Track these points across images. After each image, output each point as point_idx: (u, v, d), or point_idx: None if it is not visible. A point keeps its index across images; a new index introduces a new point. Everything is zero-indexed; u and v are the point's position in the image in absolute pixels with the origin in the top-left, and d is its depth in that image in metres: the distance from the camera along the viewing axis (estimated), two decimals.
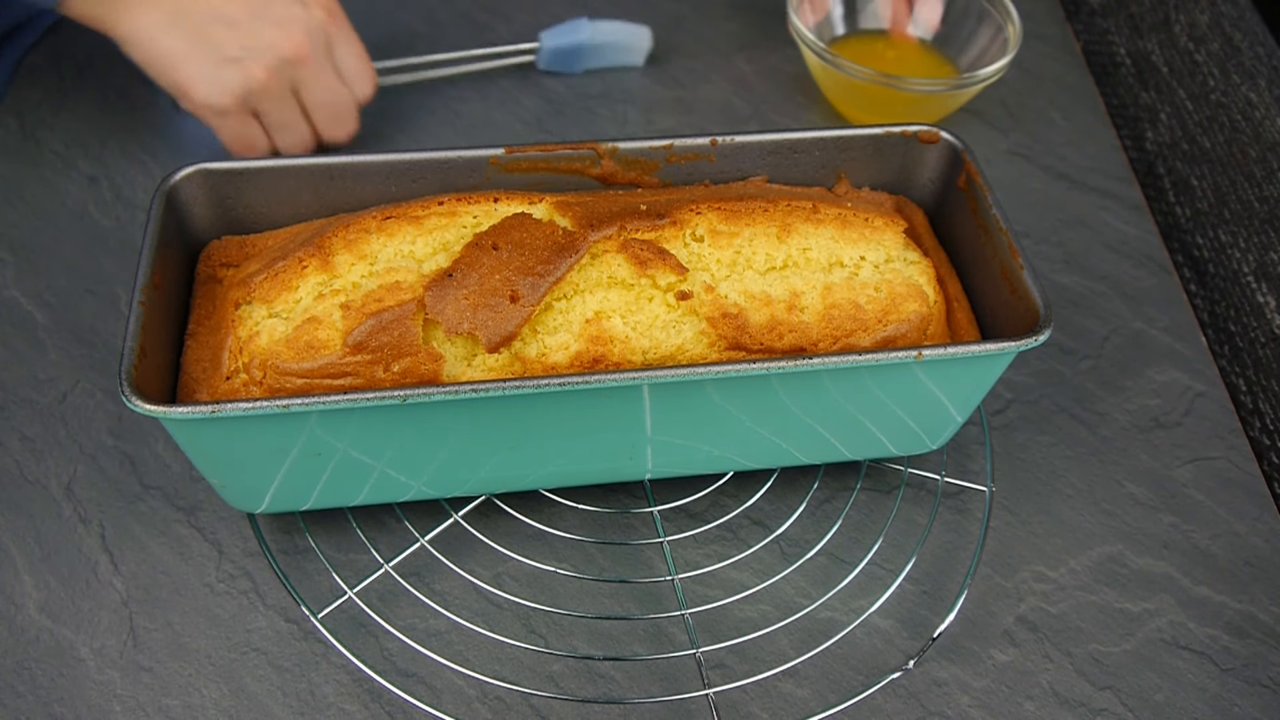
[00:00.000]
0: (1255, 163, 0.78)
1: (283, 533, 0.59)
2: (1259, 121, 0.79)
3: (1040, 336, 0.53)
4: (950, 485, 0.63)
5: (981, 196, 0.59)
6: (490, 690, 0.55)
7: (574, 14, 0.90)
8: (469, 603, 0.58)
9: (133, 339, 0.50)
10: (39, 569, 0.58)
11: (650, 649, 0.56)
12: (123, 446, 0.63)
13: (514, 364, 0.53)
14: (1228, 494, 0.64)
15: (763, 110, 0.86)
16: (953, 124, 0.86)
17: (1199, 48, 0.86)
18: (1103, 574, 0.60)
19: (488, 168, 0.60)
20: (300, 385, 0.51)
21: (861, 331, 0.56)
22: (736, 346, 0.54)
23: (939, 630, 0.57)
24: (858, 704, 0.55)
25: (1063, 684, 0.56)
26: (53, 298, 0.69)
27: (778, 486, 0.63)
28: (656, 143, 0.61)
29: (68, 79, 0.83)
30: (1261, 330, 0.73)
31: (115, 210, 0.75)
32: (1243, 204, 0.78)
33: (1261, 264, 0.75)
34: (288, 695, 0.54)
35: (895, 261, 0.58)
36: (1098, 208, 0.80)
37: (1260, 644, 0.58)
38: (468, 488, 0.59)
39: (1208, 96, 0.84)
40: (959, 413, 0.58)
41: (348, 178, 0.60)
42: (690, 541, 0.61)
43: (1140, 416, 0.68)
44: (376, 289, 0.52)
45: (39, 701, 0.53)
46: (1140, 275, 0.76)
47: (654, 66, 0.88)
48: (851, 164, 0.64)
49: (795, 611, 0.57)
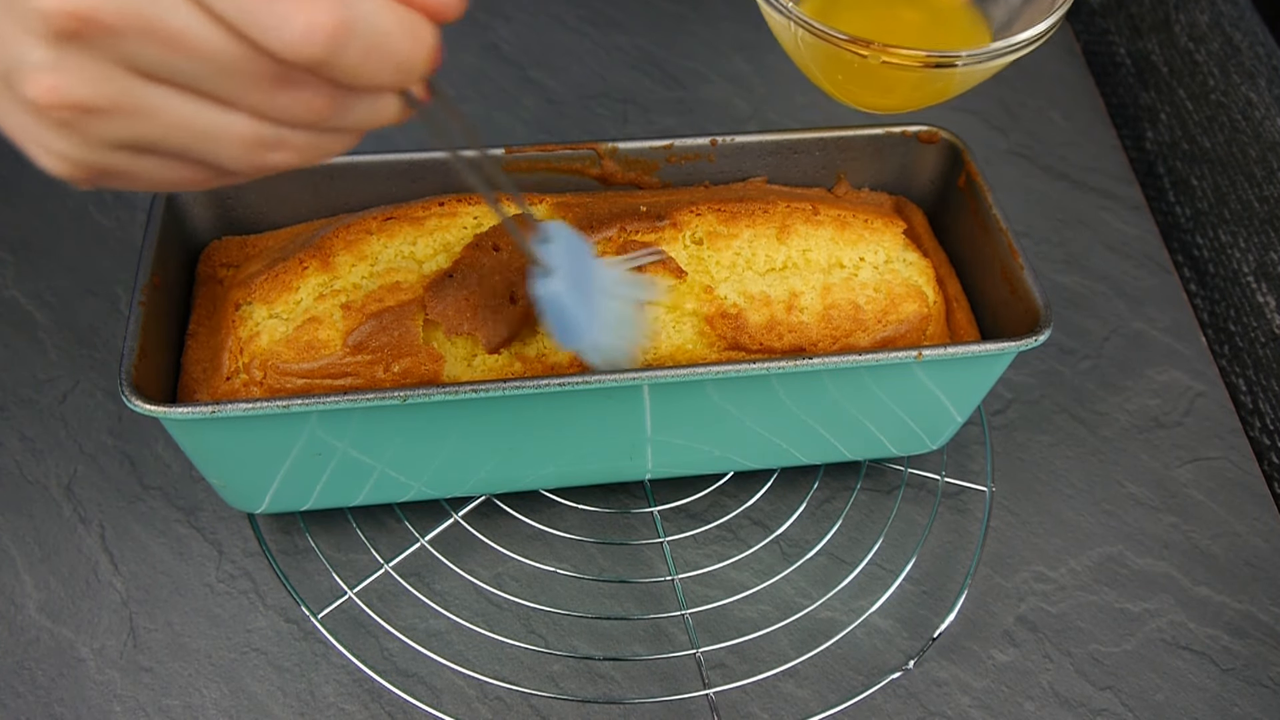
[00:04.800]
0: (1255, 163, 0.78)
1: (283, 533, 0.59)
2: (1259, 121, 0.79)
3: (1040, 336, 0.53)
4: (950, 485, 0.63)
5: (981, 196, 0.59)
6: (490, 690, 0.55)
7: (573, 13, 0.89)
8: (469, 603, 0.58)
9: (133, 339, 0.50)
10: (39, 569, 0.58)
11: (650, 649, 0.56)
12: (123, 446, 0.63)
13: (514, 364, 0.53)
14: (1228, 494, 0.64)
15: (763, 110, 0.86)
16: (953, 124, 0.86)
17: (1199, 48, 0.86)
18: (1103, 574, 0.60)
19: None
20: (300, 385, 0.51)
21: (861, 332, 0.56)
22: (735, 347, 0.54)
23: (939, 630, 0.57)
24: (858, 704, 0.55)
25: (1063, 684, 0.56)
26: (53, 298, 0.69)
27: (778, 486, 0.63)
28: (656, 143, 0.61)
29: None
30: (1261, 330, 0.73)
31: (115, 210, 0.75)
32: (1243, 204, 0.78)
33: (1261, 264, 0.75)
34: (288, 695, 0.54)
35: (894, 262, 0.58)
36: (1098, 208, 0.80)
37: (1260, 644, 0.58)
38: (468, 488, 0.59)
39: (1208, 96, 0.84)
40: (959, 413, 0.58)
41: (348, 178, 0.59)
42: (690, 541, 0.61)
43: (1140, 416, 0.68)
44: (377, 289, 0.52)
45: (39, 701, 0.53)
46: (1140, 275, 0.76)
47: (654, 66, 0.88)
48: (851, 164, 0.64)
49: (795, 611, 0.57)
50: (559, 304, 0.45)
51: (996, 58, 0.57)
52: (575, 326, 0.45)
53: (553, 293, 0.44)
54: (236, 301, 0.54)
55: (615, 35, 0.91)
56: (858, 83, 0.62)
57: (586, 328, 0.46)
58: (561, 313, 0.45)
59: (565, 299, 0.44)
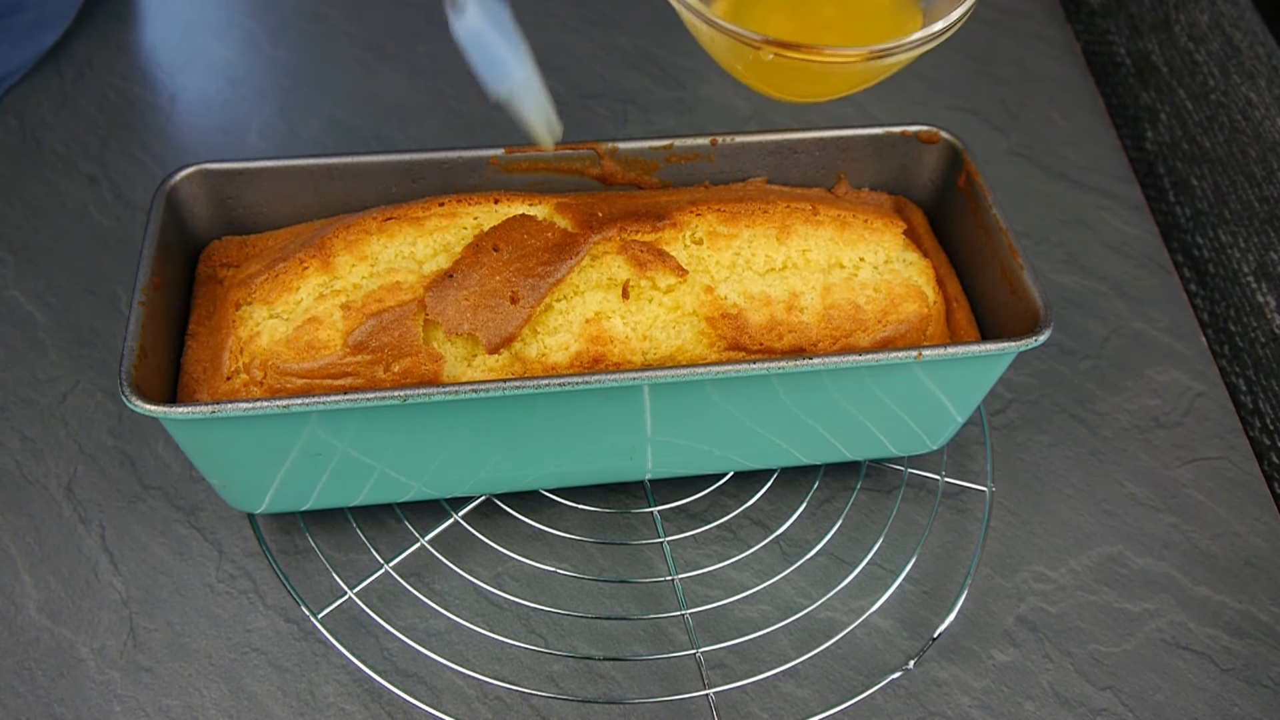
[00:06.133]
0: (1255, 163, 0.78)
1: (283, 533, 0.59)
2: (1259, 121, 0.79)
3: (1040, 336, 0.53)
4: (950, 485, 0.63)
5: (981, 196, 0.59)
6: (490, 690, 0.55)
7: (573, 13, 0.89)
8: (469, 603, 0.58)
9: (133, 339, 0.50)
10: (39, 569, 0.58)
11: (650, 649, 0.56)
12: (123, 446, 0.63)
13: (514, 364, 0.53)
14: (1228, 494, 0.64)
15: (763, 110, 0.86)
16: (953, 124, 0.86)
17: (1199, 48, 0.86)
18: (1103, 574, 0.60)
19: (488, 168, 0.60)
20: (300, 385, 0.51)
21: (861, 332, 0.56)
22: (736, 347, 0.54)
23: (939, 630, 0.57)
24: (858, 704, 0.55)
25: (1063, 684, 0.56)
26: (53, 298, 0.69)
27: (778, 486, 0.63)
28: (656, 143, 0.61)
29: (68, 79, 0.83)
30: (1261, 330, 0.73)
31: (115, 210, 0.75)
32: (1243, 204, 0.78)
33: (1261, 264, 0.75)
34: (288, 695, 0.54)
35: (894, 262, 0.58)
36: (1098, 208, 0.80)
37: (1260, 644, 0.58)
38: (468, 488, 0.59)
39: (1208, 96, 0.84)
40: (959, 413, 0.58)
41: (348, 178, 0.60)
42: (690, 541, 0.61)
43: (1140, 416, 0.68)
44: (377, 289, 0.52)
45: (39, 701, 0.53)
46: (1140, 275, 0.76)
47: (654, 66, 0.88)
48: (851, 164, 0.64)
49: (795, 611, 0.57)
50: (478, 37, 0.42)
51: (920, 46, 0.56)
52: (501, 62, 0.43)
53: (469, 28, 0.42)
54: (236, 301, 0.54)
55: (615, 35, 0.91)
56: (770, 77, 0.61)
57: (515, 64, 0.44)
58: (482, 46, 0.43)
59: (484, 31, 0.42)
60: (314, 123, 0.82)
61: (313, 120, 0.82)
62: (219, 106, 0.83)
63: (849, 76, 0.59)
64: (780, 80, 0.61)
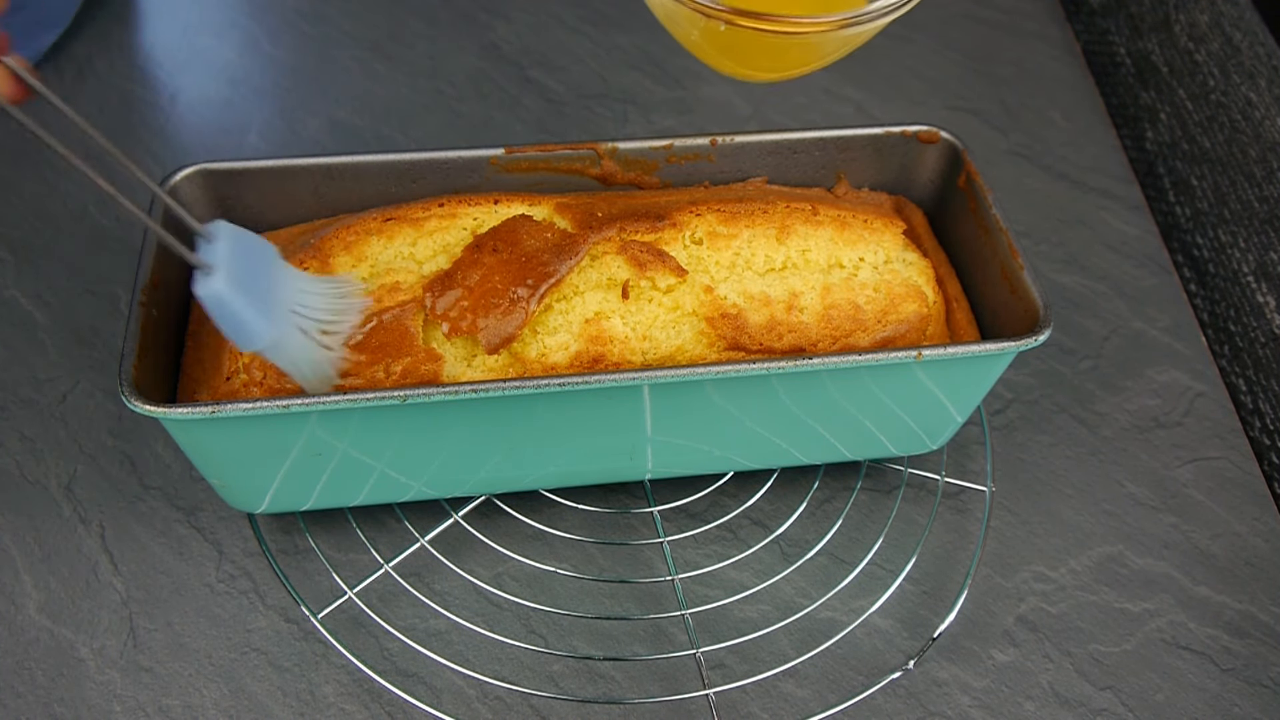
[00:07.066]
0: (1255, 163, 0.78)
1: (283, 533, 0.59)
2: (1259, 121, 0.79)
3: (1040, 336, 0.53)
4: (950, 485, 0.63)
5: (981, 196, 0.59)
6: (490, 690, 0.55)
7: (573, 13, 0.89)
8: (469, 603, 0.58)
9: (133, 339, 0.50)
10: (39, 569, 0.58)
11: (650, 649, 0.56)
12: (123, 446, 0.63)
13: (513, 364, 0.53)
14: (1228, 494, 0.64)
15: (763, 110, 0.86)
16: (953, 124, 0.86)
17: (1199, 48, 0.86)
18: (1103, 574, 0.60)
19: (488, 168, 0.60)
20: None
21: (860, 332, 0.56)
22: (736, 347, 0.54)
23: (939, 630, 0.57)
24: (858, 704, 0.55)
25: (1063, 684, 0.56)
26: (53, 298, 0.70)
27: (778, 486, 0.63)
28: (656, 143, 0.61)
29: (68, 79, 0.83)
30: (1261, 330, 0.73)
31: (115, 210, 0.75)
32: (1243, 204, 0.78)
33: (1261, 264, 0.75)
34: (288, 695, 0.54)
35: (894, 262, 0.58)
36: (1098, 208, 0.80)
37: (1260, 644, 0.58)
38: (468, 488, 0.59)
39: (1208, 96, 0.84)
40: (959, 413, 0.58)
41: (347, 178, 0.59)
42: (690, 541, 0.61)
43: (1140, 416, 0.68)
44: (377, 290, 0.52)
45: (39, 701, 0.53)
46: (1140, 275, 0.76)
47: (654, 66, 0.88)
48: (851, 164, 0.64)
49: (795, 611, 0.57)
50: (221, 302, 0.44)
51: (871, 20, 0.51)
52: (245, 327, 0.45)
53: (212, 292, 0.44)
54: None
55: (615, 35, 0.91)
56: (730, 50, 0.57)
57: (260, 330, 0.45)
58: (226, 312, 0.44)
59: (228, 298, 0.44)
60: (314, 123, 0.82)
61: (312, 120, 0.82)
62: (219, 106, 0.83)
63: (809, 49, 0.56)
64: (740, 54, 0.59)
